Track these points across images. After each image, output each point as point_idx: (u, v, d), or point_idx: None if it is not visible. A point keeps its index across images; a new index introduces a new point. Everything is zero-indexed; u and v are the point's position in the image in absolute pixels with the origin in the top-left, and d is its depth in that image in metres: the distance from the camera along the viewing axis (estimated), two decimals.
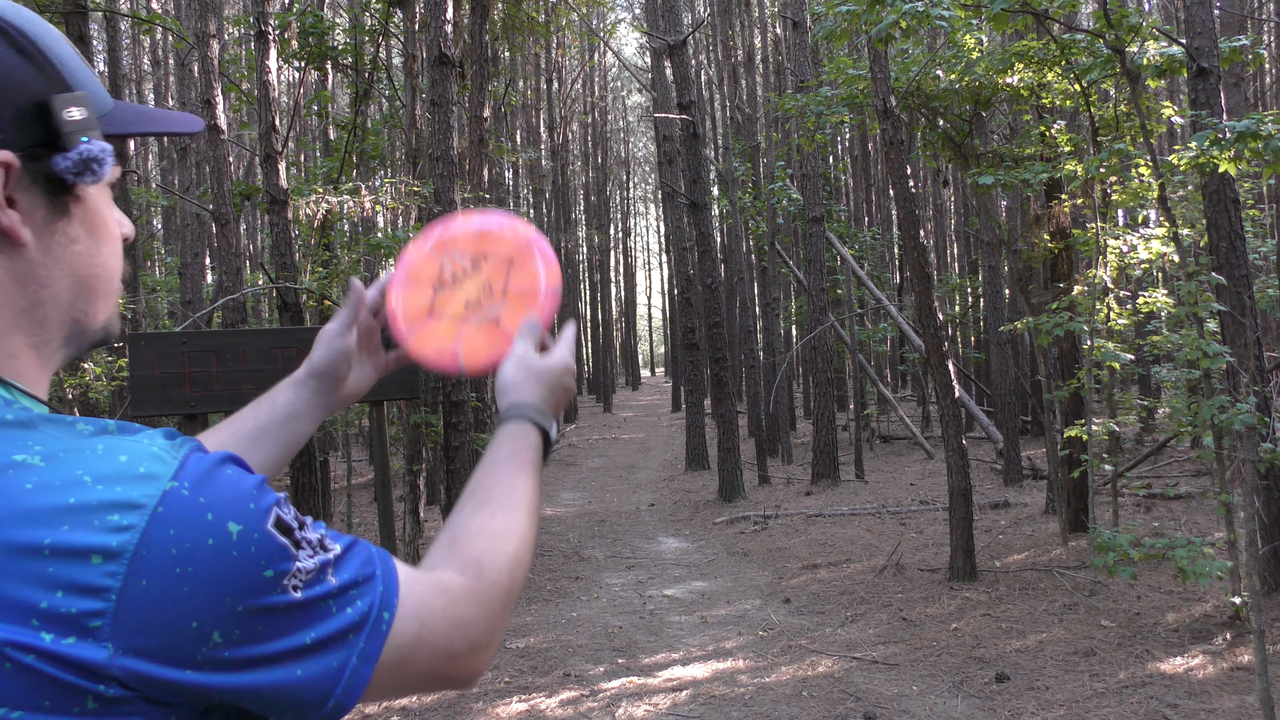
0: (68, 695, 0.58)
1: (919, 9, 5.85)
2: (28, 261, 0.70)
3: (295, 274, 8.34)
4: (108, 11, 10.97)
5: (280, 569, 0.65)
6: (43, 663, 0.57)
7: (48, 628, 0.57)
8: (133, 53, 22.07)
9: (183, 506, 0.61)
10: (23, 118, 0.68)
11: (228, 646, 0.63)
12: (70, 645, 0.57)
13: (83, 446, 0.62)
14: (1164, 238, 7.20)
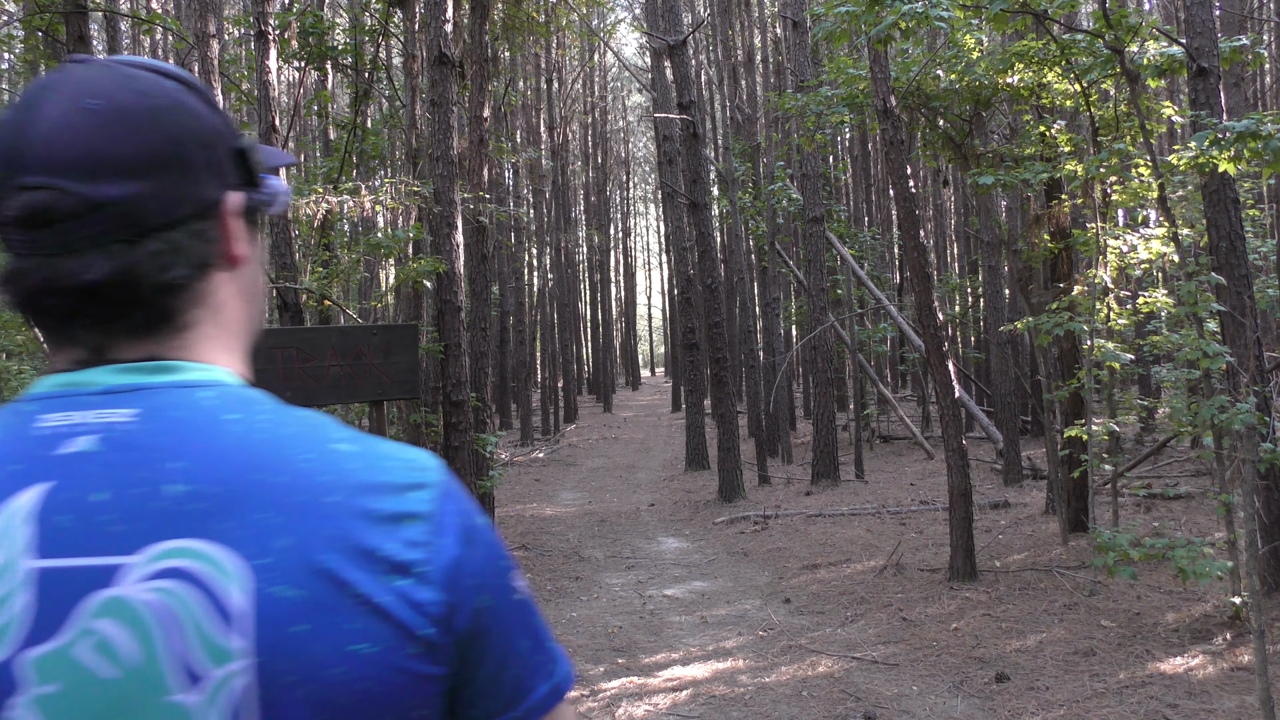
0: (403, 634, 0.70)
1: (919, 9, 5.85)
2: (246, 282, 0.84)
3: (295, 274, 8.34)
4: (108, 11, 10.97)
5: (510, 565, 0.80)
6: (389, 603, 0.70)
7: (392, 574, 0.70)
8: (133, 52, 22.07)
9: (455, 490, 0.77)
10: (232, 162, 0.80)
11: (494, 610, 0.76)
12: (409, 585, 0.71)
13: (370, 439, 0.77)
14: (1164, 238, 7.20)
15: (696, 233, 12.96)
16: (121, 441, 0.71)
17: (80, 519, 0.69)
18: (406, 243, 9.30)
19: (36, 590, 0.68)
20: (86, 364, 0.75)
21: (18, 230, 0.72)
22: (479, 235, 9.80)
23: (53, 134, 0.72)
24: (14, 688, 0.67)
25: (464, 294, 8.75)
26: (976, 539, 7.82)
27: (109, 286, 0.73)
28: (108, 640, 0.67)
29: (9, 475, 0.70)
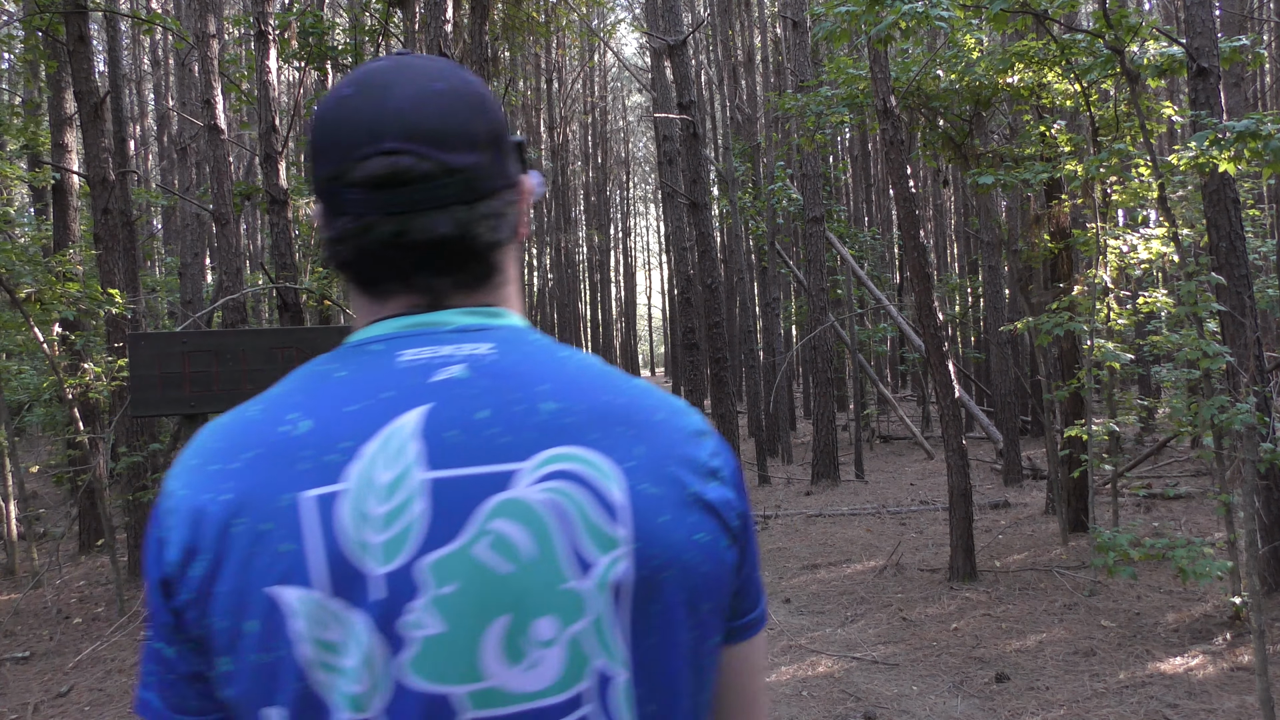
0: (722, 526, 0.85)
1: (919, 9, 5.85)
2: (520, 255, 0.96)
3: (295, 274, 8.34)
4: (108, 11, 10.97)
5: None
6: (714, 500, 0.84)
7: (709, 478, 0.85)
8: (133, 53, 22.06)
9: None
10: (518, 152, 0.92)
11: (749, 518, 0.91)
12: (719, 487, 0.85)
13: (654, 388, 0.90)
14: (1164, 238, 7.20)
15: (696, 233, 12.95)
16: (489, 369, 0.81)
17: (468, 434, 0.78)
18: None
19: (430, 499, 0.75)
20: (424, 309, 0.85)
21: (371, 190, 0.82)
22: None
23: (410, 108, 0.82)
24: (415, 591, 0.74)
25: None
26: (976, 539, 7.82)
27: (452, 241, 0.83)
28: (505, 538, 0.76)
29: (384, 401, 0.78)
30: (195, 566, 0.75)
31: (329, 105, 0.84)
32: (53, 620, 7.52)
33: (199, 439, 0.81)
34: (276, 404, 0.80)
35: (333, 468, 0.75)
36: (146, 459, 9.57)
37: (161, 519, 0.79)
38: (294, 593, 0.73)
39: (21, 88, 15.32)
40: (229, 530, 0.75)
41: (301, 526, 0.74)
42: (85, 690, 5.78)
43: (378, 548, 0.74)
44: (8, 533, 9.35)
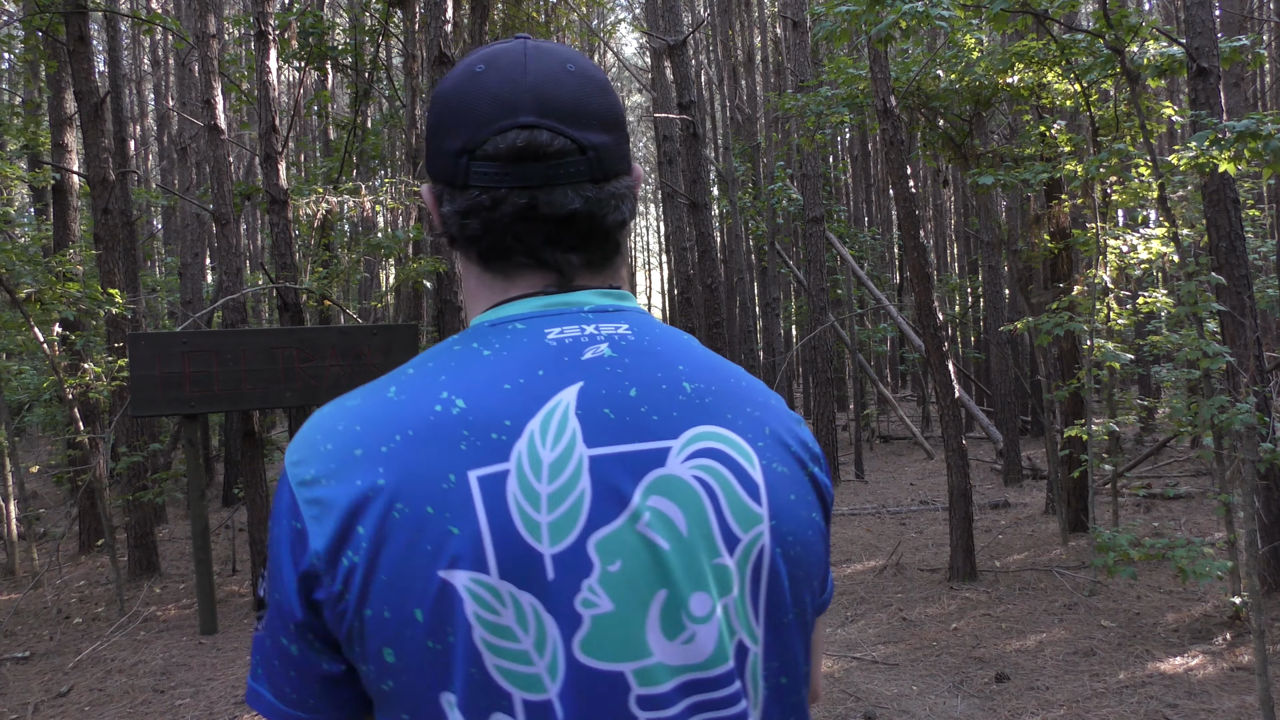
0: (825, 508, 0.90)
1: (919, 9, 5.84)
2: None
3: (295, 274, 8.34)
4: (108, 11, 10.96)
5: None
6: (823, 482, 0.90)
7: (814, 461, 0.90)
8: (133, 53, 22.05)
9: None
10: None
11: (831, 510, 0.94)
12: (821, 470, 0.90)
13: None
14: (1164, 238, 7.20)
15: (696, 233, 12.95)
16: (630, 349, 0.83)
17: (621, 411, 0.79)
18: (406, 243, 9.30)
19: (592, 477, 0.76)
20: (557, 289, 0.85)
21: (505, 163, 0.82)
22: None
23: (545, 85, 0.83)
24: (585, 570, 0.74)
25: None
26: (976, 539, 7.82)
27: (583, 218, 0.84)
28: (663, 515, 0.77)
29: (540, 379, 0.79)
30: (349, 556, 0.73)
31: (459, 80, 0.85)
32: (53, 620, 7.52)
33: (325, 424, 0.79)
34: (419, 384, 0.79)
35: (497, 446, 0.75)
36: (146, 459, 9.57)
37: (299, 509, 0.76)
38: (465, 576, 0.72)
39: (21, 88, 15.32)
40: (389, 515, 0.73)
41: (471, 507, 0.73)
42: (85, 690, 5.78)
43: (547, 527, 0.74)
44: (8, 533, 9.35)
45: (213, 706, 5.38)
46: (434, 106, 0.87)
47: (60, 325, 10.46)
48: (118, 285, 9.04)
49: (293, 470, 0.78)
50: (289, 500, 0.77)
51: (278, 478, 0.81)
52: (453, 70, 0.87)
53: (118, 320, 9.60)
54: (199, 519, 7.13)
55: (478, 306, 0.88)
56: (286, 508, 0.77)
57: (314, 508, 0.75)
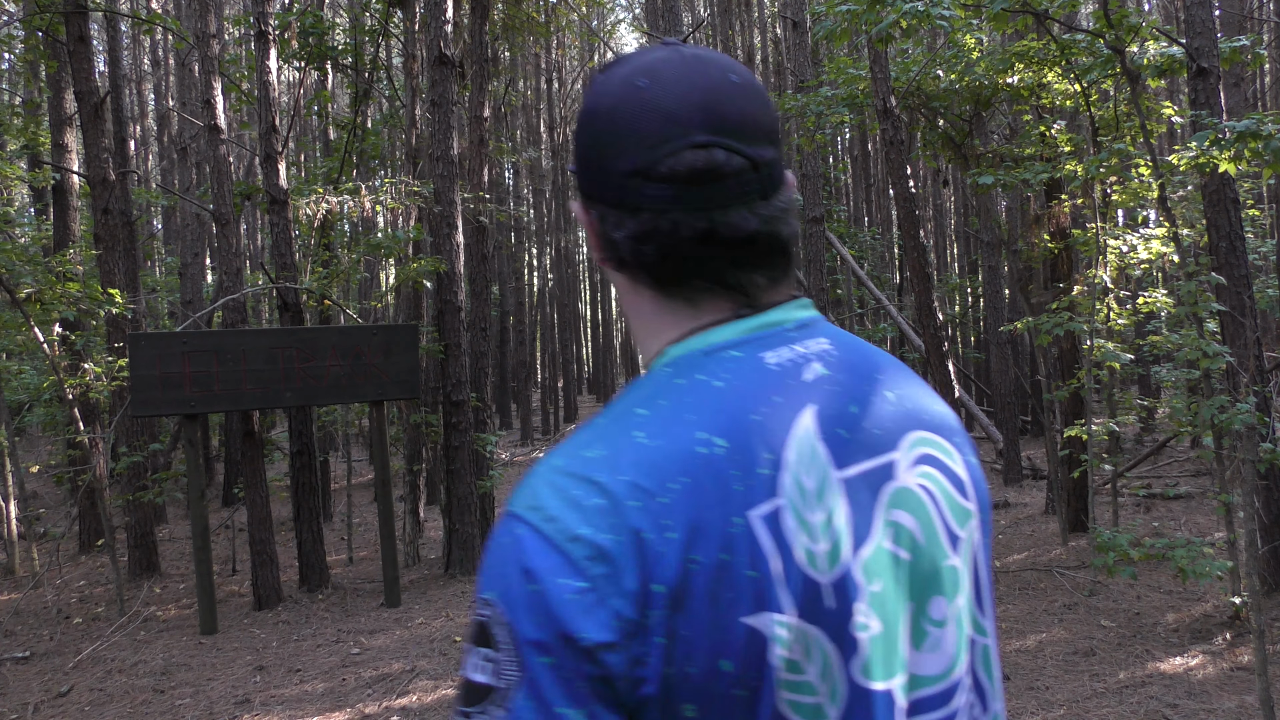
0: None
1: (919, 9, 5.84)
2: None
3: (295, 274, 8.34)
4: (108, 11, 10.96)
5: None
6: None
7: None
8: (133, 53, 22.05)
9: None
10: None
11: None
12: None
13: None
14: (1164, 238, 7.20)
15: None
16: (838, 364, 0.82)
17: (851, 429, 0.79)
18: (406, 243, 9.29)
19: (846, 499, 0.76)
20: (750, 311, 0.83)
21: (681, 185, 0.79)
22: (479, 235, 9.79)
23: (714, 101, 0.80)
24: (856, 594, 0.74)
25: (464, 294, 8.75)
26: None
27: (763, 237, 0.81)
28: (902, 527, 0.78)
29: (778, 407, 0.77)
30: (648, 615, 0.69)
31: (620, 96, 0.81)
32: (53, 620, 7.52)
33: (580, 475, 0.73)
34: (666, 424, 0.75)
35: (766, 482, 0.73)
36: (146, 459, 9.57)
37: (579, 566, 0.70)
38: (768, 619, 0.70)
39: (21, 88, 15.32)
40: (686, 568, 0.69)
41: (760, 549, 0.71)
42: (85, 690, 5.78)
43: (822, 556, 0.73)
44: (8, 533, 9.35)
45: (213, 706, 5.38)
46: (592, 124, 0.83)
47: (60, 325, 10.47)
48: (118, 285, 9.04)
49: (550, 526, 0.71)
50: (556, 560, 0.70)
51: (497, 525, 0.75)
52: (605, 84, 0.83)
53: (118, 320, 9.60)
54: (199, 519, 7.13)
55: (662, 334, 0.84)
56: (553, 566, 0.70)
57: (601, 566, 0.70)
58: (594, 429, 0.77)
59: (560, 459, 0.75)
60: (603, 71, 0.85)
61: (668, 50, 0.84)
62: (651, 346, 0.86)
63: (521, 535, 0.72)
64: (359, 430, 18.12)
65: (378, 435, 7.94)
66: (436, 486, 11.96)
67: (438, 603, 7.56)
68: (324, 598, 7.92)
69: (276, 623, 7.20)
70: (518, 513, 0.73)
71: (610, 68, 0.85)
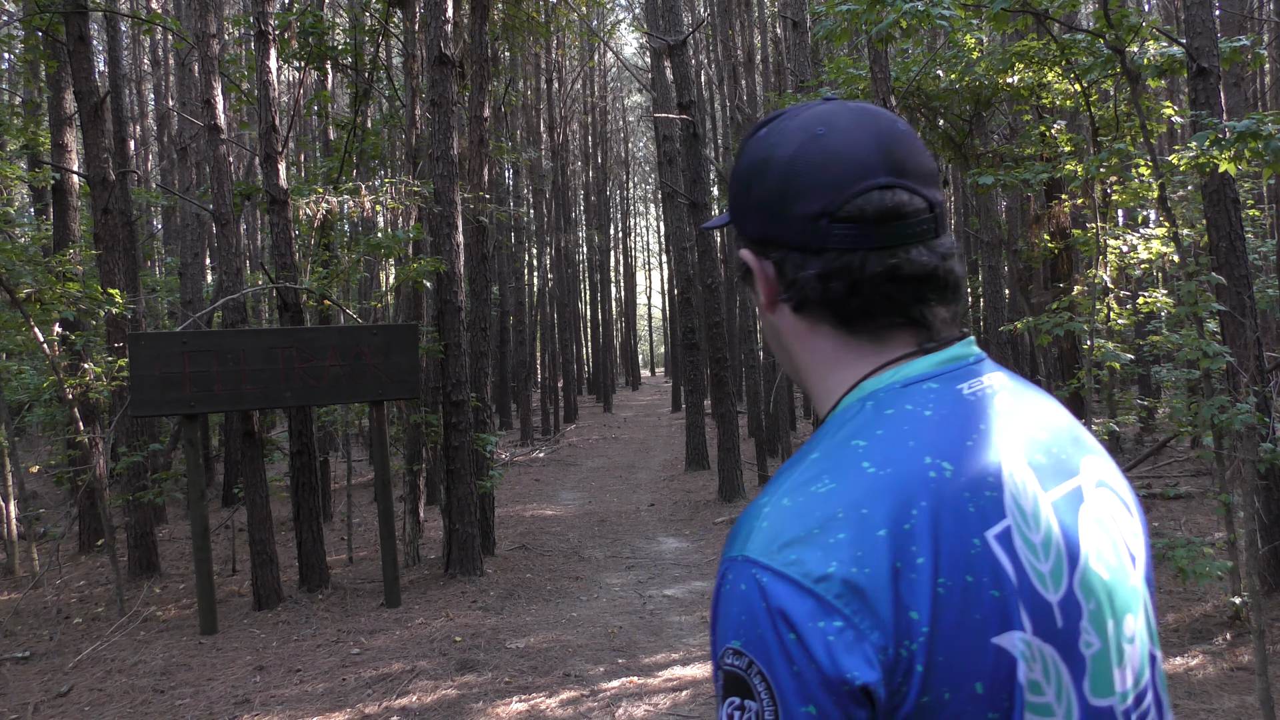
0: None
1: (919, 9, 5.84)
2: None
3: (295, 274, 8.34)
4: (108, 11, 10.96)
5: None
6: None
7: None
8: (133, 53, 22.05)
9: None
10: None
11: None
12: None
13: None
14: (1164, 238, 7.20)
15: (696, 233, 12.95)
16: (1017, 394, 0.86)
17: (1046, 455, 0.83)
18: (406, 243, 9.29)
19: (1057, 520, 0.80)
20: (933, 343, 0.86)
21: (868, 225, 0.83)
22: (479, 235, 9.79)
23: (892, 146, 0.85)
24: (1080, 610, 0.78)
25: (464, 294, 8.75)
26: None
27: (941, 273, 0.85)
28: (1098, 548, 0.82)
29: (984, 434, 0.80)
30: (906, 645, 0.70)
31: (801, 144, 0.85)
32: (53, 620, 7.52)
33: (814, 513, 0.74)
34: (893, 453, 0.77)
35: (994, 504, 0.76)
36: (146, 459, 9.57)
37: (830, 607, 0.70)
38: (1014, 638, 0.73)
39: (21, 88, 15.32)
40: (936, 593, 0.71)
41: (1001, 568, 0.74)
42: (85, 690, 5.78)
43: (1047, 576, 0.76)
44: (8, 533, 9.35)
45: (213, 706, 5.38)
46: (768, 172, 0.86)
47: (60, 325, 10.47)
48: (118, 285, 9.04)
49: (794, 569, 0.71)
50: (809, 604, 0.70)
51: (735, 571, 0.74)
52: (780, 134, 0.87)
53: (118, 320, 9.60)
54: (199, 519, 7.13)
55: (845, 370, 0.87)
56: (807, 611, 0.70)
57: (854, 603, 0.70)
58: (814, 466, 0.78)
59: (787, 498, 0.76)
60: (765, 126, 0.90)
61: (832, 103, 0.89)
62: (831, 383, 0.88)
63: (765, 581, 0.72)
64: (359, 430, 18.12)
65: (378, 435, 7.93)
66: (436, 486, 11.96)
67: (438, 603, 7.56)
68: (324, 598, 7.92)
69: (276, 623, 7.20)
70: (754, 557, 0.73)
71: (775, 121, 0.90)
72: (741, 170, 0.90)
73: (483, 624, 6.81)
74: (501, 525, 10.82)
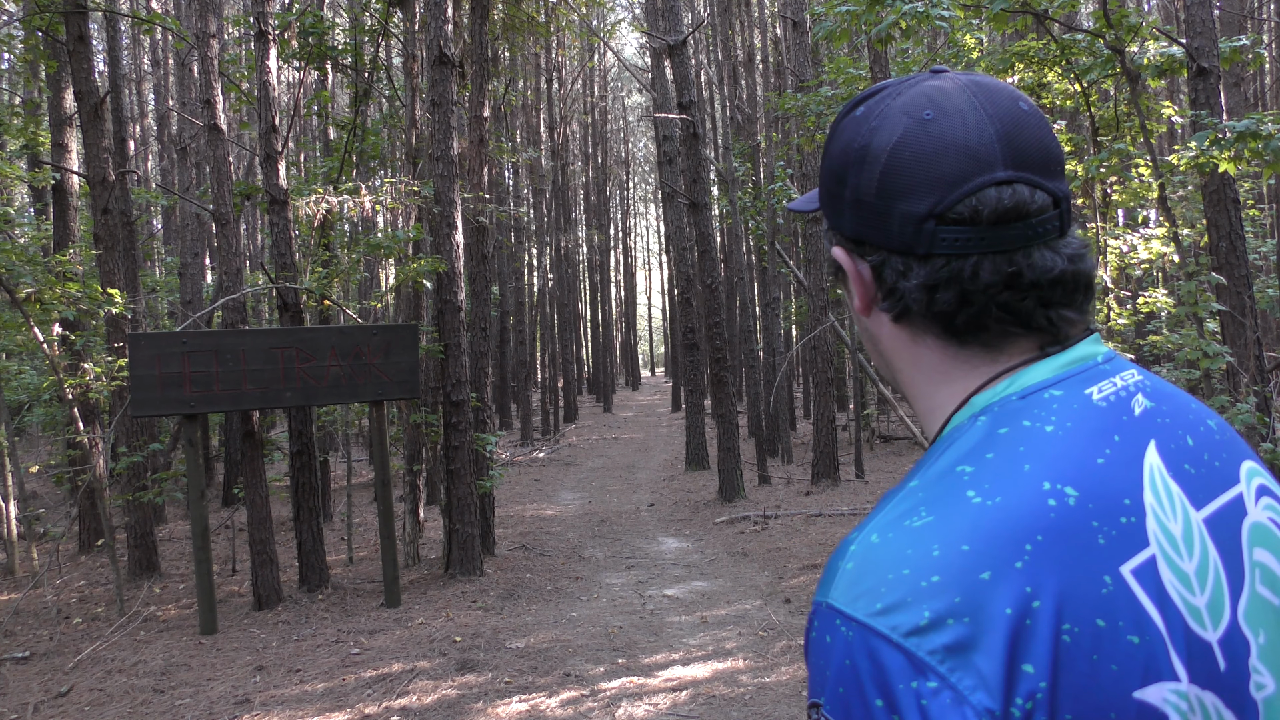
0: None
1: (919, 9, 5.85)
2: None
3: (295, 274, 8.34)
4: (108, 11, 10.96)
5: None
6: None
7: None
8: (133, 53, 22.06)
9: None
10: None
11: None
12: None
13: None
14: (1164, 238, 7.20)
15: (696, 233, 12.95)
16: (1158, 394, 0.76)
17: (1195, 464, 0.72)
18: (406, 243, 9.30)
19: (1214, 542, 0.69)
20: (1056, 345, 0.76)
21: (983, 227, 0.72)
22: (479, 235, 9.79)
23: (1012, 132, 0.73)
24: (1247, 647, 0.67)
25: (464, 294, 8.75)
26: None
27: (1072, 276, 0.74)
28: (1267, 567, 0.71)
29: (1120, 445, 0.70)
30: (1019, 705, 0.60)
31: (908, 132, 0.74)
32: (53, 620, 7.52)
33: (905, 555, 0.64)
34: (1003, 479, 0.66)
35: (1132, 531, 0.65)
36: (146, 459, 9.57)
37: (925, 665, 0.60)
38: (1162, 690, 0.62)
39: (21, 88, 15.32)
40: (1058, 641, 0.61)
41: (1140, 608, 0.63)
42: (85, 690, 5.78)
43: (1204, 611, 0.66)
44: (8, 533, 9.35)
45: (213, 706, 5.38)
46: (867, 162, 0.75)
47: (60, 325, 10.47)
48: (118, 285, 9.04)
49: (882, 621, 0.62)
50: (899, 661, 0.61)
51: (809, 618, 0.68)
52: (879, 117, 0.76)
53: (118, 320, 9.60)
54: (199, 519, 7.13)
55: (954, 384, 0.77)
56: (898, 669, 0.61)
57: (952, 658, 0.60)
58: (911, 496, 0.68)
59: (878, 534, 0.66)
60: (862, 103, 0.79)
61: (943, 78, 0.77)
62: (941, 397, 0.78)
63: (851, 636, 0.63)
64: (359, 430, 18.12)
65: (378, 435, 7.94)
66: (436, 486, 11.96)
67: (438, 603, 7.57)
68: (324, 598, 7.92)
69: (276, 623, 7.20)
70: (837, 606, 0.65)
71: (874, 98, 0.78)
72: (834, 157, 0.79)
73: (483, 624, 6.81)
74: (501, 525, 10.82)
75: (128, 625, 7.23)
